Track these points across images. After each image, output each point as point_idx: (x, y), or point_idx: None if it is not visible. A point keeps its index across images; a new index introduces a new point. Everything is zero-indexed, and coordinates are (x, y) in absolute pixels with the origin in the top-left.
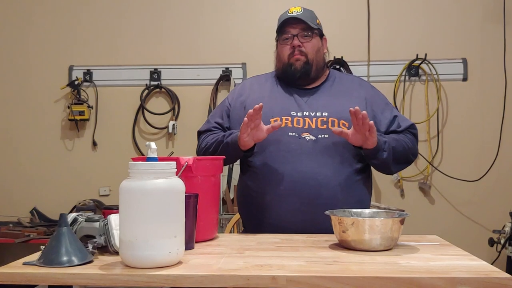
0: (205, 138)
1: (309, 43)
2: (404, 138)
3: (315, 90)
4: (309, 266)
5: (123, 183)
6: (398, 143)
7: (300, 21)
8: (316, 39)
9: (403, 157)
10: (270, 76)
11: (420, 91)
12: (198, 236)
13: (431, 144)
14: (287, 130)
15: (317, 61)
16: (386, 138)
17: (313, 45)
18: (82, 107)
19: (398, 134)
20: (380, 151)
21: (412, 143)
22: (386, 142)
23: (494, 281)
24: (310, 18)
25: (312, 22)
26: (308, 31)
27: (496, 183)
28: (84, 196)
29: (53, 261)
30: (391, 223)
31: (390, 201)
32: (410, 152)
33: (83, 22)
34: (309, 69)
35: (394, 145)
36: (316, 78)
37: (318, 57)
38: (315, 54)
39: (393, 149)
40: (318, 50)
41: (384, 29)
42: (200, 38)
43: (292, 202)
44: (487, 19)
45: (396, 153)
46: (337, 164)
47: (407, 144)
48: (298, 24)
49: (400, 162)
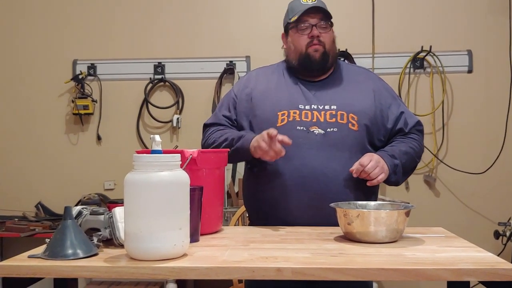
0: (212, 133)
1: (327, 34)
2: (412, 143)
3: (323, 82)
4: (315, 258)
5: (128, 175)
6: (408, 156)
7: (318, 10)
8: (332, 30)
9: (410, 167)
10: (276, 68)
11: (425, 83)
12: (203, 229)
13: (436, 137)
14: (295, 124)
15: (333, 52)
16: (398, 159)
17: (330, 35)
18: (86, 101)
19: (405, 135)
20: (391, 175)
21: (419, 144)
22: (397, 166)
23: (500, 273)
24: (325, 6)
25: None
26: (326, 21)
27: (501, 175)
28: (88, 190)
29: (58, 254)
30: (397, 215)
31: (395, 194)
32: (417, 156)
33: (86, 16)
34: (326, 60)
35: (404, 161)
36: (329, 69)
37: (333, 48)
38: (332, 45)
39: (403, 166)
40: (333, 41)
41: (389, 21)
42: (204, 31)
43: (301, 197)
44: (492, 11)
45: (406, 168)
46: (346, 159)
47: (415, 149)
48: (316, 14)
49: (408, 173)
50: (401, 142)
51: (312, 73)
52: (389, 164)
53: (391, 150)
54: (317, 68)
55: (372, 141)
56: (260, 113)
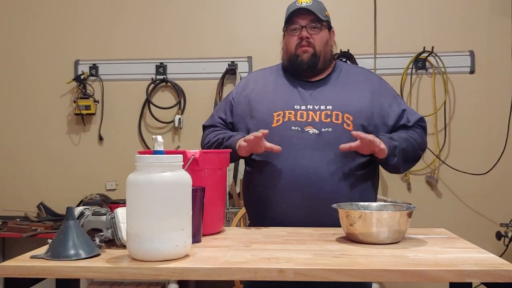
0: (208, 134)
1: (317, 35)
2: (413, 134)
3: (321, 83)
4: (317, 259)
5: (130, 176)
6: (408, 142)
7: (309, 12)
8: (325, 31)
9: (412, 156)
10: (276, 69)
11: (427, 84)
12: (205, 230)
13: (438, 138)
14: (290, 124)
15: (324, 53)
16: (396, 141)
17: (321, 37)
18: (88, 101)
19: (407, 129)
20: (390, 156)
21: (421, 137)
22: (397, 147)
23: (503, 274)
24: (319, 10)
25: (321, 14)
26: (316, 23)
27: (503, 176)
28: (90, 190)
29: (61, 255)
30: (399, 216)
31: (397, 195)
32: (420, 147)
33: (88, 16)
34: (316, 62)
35: (404, 146)
36: (323, 70)
37: (326, 49)
38: (323, 46)
39: (403, 151)
40: (326, 42)
41: (391, 21)
42: (205, 31)
43: (294, 197)
44: (494, 11)
45: (406, 154)
46: (340, 159)
47: (417, 140)
48: (307, 15)
49: (410, 161)
50: (402, 132)
51: (303, 74)
52: (388, 145)
53: (389, 135)
54: (306, 69)
55: None
56: (257, 114)
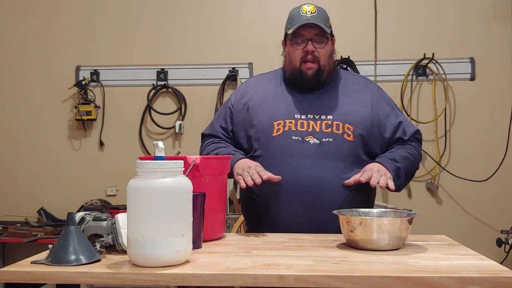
0: (207, 145)
1: (323, 49)
2: (411, 150)
3: (321, 92)
4: (317, 265)
5: (130, 182)
6: (408, 161)
7: (315, 24)
8: (329, 43)
9: (412, 173)
10: (275, 75)
11: (428, 90)
12: (206, 235)
13: (439, 144)
14: (290, 134)
15: (328, 66)
16: (399, 163)
17: (327, 50)
18: (89, 107)
19: (404, 143)
20: (395, 180)
21: (417, 151)
22: (400, 169)
23: (503, 281)
24: (324, 20)
25: (325, 25)
26: (322, 36)
27: (504, 183)
28: (91, 196)
29: (61, 260)
30: (399, 222)
31: (398, 201)
32: (417, 162)
33: (90, 22)
34: (320, 76)
35: (405, 165)
36: (325, 81)
37: (330, 62)
38: (328, 59)
39: (405, 170)
40: (331, 55)
41: (391, 28)
42: (206, 38)
43: (294, 207)
44: (494, 18)
45: (408, 172)
46: (340, 169)
47: (415, 156)
48: (313, 28)
49: (409, 178)
50: (400, 148)
51: (305, 87)
52: (391, 169)
53: (391, 155)
54: (310, 84)
55: (368, 151)
56: (256, 123)
